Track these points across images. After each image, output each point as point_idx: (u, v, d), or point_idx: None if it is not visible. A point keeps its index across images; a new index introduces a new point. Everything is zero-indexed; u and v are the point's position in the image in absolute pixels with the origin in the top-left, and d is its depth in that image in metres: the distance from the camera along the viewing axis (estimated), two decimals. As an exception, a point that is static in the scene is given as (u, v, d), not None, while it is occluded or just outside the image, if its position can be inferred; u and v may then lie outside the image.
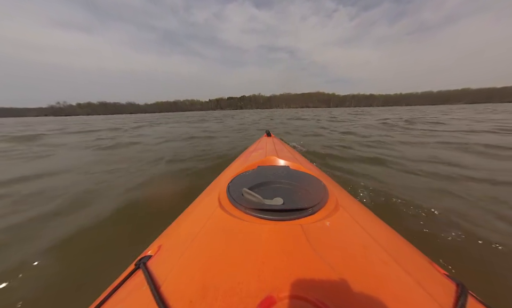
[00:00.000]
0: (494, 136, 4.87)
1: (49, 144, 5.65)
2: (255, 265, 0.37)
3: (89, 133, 8.37)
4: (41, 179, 2.65)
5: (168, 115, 48.48)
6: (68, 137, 7.14)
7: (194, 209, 0.78)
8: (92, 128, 10.89)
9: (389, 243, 0.51)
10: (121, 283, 0.45)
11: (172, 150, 4.35)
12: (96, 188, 2.28)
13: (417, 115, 14.97)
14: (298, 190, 0.70)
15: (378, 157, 3.17)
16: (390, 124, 8.17)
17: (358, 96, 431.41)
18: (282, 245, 0.41)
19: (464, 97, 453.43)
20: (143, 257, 0.51)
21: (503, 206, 1.62)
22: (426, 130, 6.40)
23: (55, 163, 3.47)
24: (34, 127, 13.99)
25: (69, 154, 4.23)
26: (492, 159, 3.00)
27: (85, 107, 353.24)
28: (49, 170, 3.00)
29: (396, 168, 2.65)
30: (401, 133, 5.82)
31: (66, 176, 2.75)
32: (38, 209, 1.81)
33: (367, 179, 2.28)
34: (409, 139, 4.73)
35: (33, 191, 2.22)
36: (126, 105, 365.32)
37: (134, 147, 4.90)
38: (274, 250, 0.40)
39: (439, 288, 0.40)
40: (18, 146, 5.34)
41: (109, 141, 5.82)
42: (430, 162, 2.87)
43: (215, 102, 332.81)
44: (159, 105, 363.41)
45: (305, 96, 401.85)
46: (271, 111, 40.72)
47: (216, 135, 6.65)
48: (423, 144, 4.14)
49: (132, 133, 7.88)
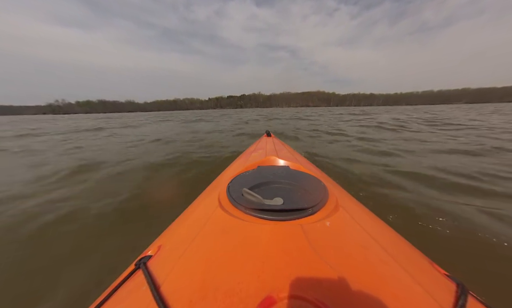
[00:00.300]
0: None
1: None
2: (255, 265, 0.37)
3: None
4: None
5: (165, 113, 47.16)
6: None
7: (194, 209, 0.78)
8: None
9: (389, 243, 0.51)
10: (121, 283, 0.45)
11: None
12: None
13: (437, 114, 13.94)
14: (298, 190, 0.70)
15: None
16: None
17: (358, 96, 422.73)
18: (282, 245, 0.41)
19: (464, 96, 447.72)
20: (143, 257, 0.51)
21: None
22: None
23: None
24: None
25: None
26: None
27: (83, 105, 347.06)
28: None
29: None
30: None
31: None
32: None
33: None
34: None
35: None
36: (125, 104, 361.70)
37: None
38: (274, 250, 0.40)
39: (439, 287, 0.40)
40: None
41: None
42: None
43: (215, 101, 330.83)
44: (159, 103, 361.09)
45: (305, 95, 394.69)
46: (271, 110, 38.82)
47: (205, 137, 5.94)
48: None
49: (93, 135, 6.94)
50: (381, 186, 2.13)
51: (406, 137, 5.11)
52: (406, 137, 5.11)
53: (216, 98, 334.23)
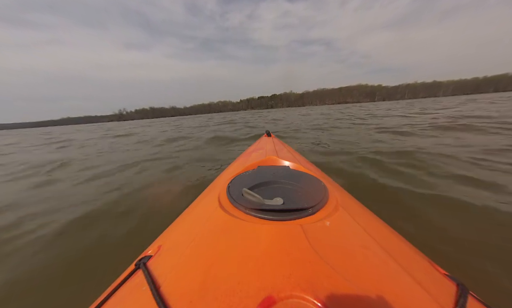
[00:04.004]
0: None
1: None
2: (255, 265, 0.37)
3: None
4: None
5: (201, 116, 48.01)
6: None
7: (194, 209, 0.78)
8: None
9: (389, 243, 0.51)
10: (121, 283, 0.45)
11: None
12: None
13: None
14: (299, 190, 0.70)
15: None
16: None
17: (414, 86, 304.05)
18: (282, 245, 0.41)
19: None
20: (143, 257, 0.51)
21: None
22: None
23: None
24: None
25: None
26: None
27: (140, 112, 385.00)
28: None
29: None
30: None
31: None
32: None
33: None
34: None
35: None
36: (169, 109, 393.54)
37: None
38: (274, 250, 0.40)
39: (439, 288, 0.40)
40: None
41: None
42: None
43: (246, 102, 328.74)
44: (196, 107, 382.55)
45: (343, 90, 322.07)
46: (299, 111, 30.27)
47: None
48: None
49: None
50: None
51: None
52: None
53: (247, 100, 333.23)
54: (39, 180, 2.89)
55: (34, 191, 2.50)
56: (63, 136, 12.37)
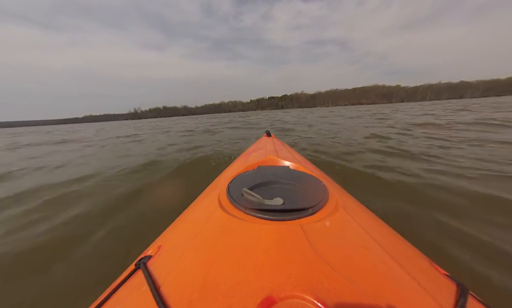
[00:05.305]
0: None
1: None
2: (255, 265, 0.37)
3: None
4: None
5: (209, 116, 50.10)
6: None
7: (194, 209, 0.78)
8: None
9: (389, 243, 0.51)
10: (121, 283, 0.45)
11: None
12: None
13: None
14: (298, 190, 0.70)
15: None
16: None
17: (437, 86, 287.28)
18: (282, 245, 0.41)
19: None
20: (143, 257, 0.51)
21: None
22: None
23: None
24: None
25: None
26: None
27: (153, 111, 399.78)
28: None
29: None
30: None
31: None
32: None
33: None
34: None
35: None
36: (181, 109, 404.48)
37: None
38: (274, 250, 0.40)
39: (439, 288, 0.40)
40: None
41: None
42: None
43: (256, 102, 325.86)
44: (206, 107, 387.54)
45: (357, 91, 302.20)
46: (301, 112, 27.41)
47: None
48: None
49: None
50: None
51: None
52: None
53: (257, 100, 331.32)
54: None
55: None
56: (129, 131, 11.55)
